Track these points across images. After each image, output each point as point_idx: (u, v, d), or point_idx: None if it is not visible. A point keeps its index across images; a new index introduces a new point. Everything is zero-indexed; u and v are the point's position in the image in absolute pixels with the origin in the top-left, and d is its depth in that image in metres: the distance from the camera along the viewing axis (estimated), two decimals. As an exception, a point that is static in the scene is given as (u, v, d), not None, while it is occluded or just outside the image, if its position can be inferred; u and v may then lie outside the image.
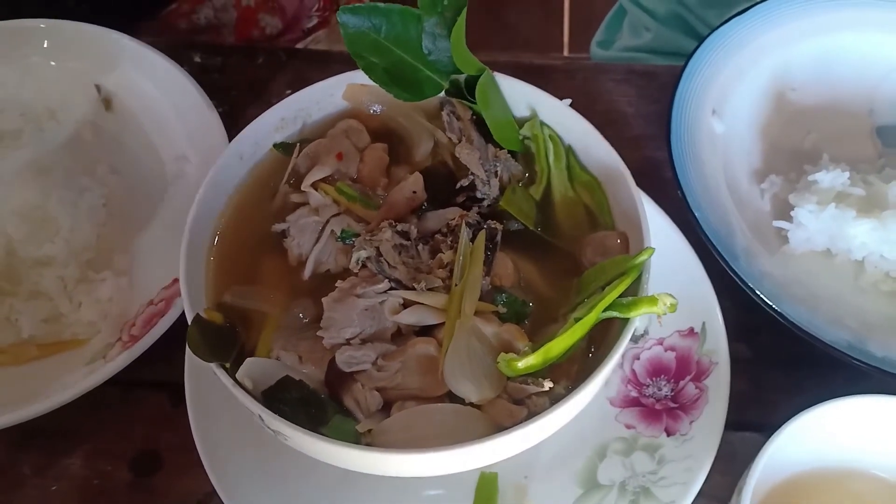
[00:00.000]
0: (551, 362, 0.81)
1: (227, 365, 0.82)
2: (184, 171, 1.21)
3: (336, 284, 0.87)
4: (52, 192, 1.13)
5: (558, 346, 0.80)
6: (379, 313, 0.85)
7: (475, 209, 0.93)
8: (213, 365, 0.81)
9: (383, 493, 0.97)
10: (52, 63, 1.30)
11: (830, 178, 1.09)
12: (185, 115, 1.24)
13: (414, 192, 0.93)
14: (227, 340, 0.85)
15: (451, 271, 0.86)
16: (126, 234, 1.17)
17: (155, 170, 1.23)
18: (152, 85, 1.26)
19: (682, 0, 1.69)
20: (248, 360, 0.82)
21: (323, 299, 0.85)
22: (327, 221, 0.92)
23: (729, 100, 1.22)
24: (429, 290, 0.85)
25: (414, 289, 0.85)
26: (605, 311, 0.81)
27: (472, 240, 0.87)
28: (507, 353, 0.80)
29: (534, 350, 0.80)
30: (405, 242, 0.88)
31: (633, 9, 1.81)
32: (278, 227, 0.94)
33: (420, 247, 0.89)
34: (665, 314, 0.79)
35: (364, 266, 0.87)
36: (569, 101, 0.97)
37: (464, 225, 0.88)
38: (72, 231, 1.12)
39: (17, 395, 1.02)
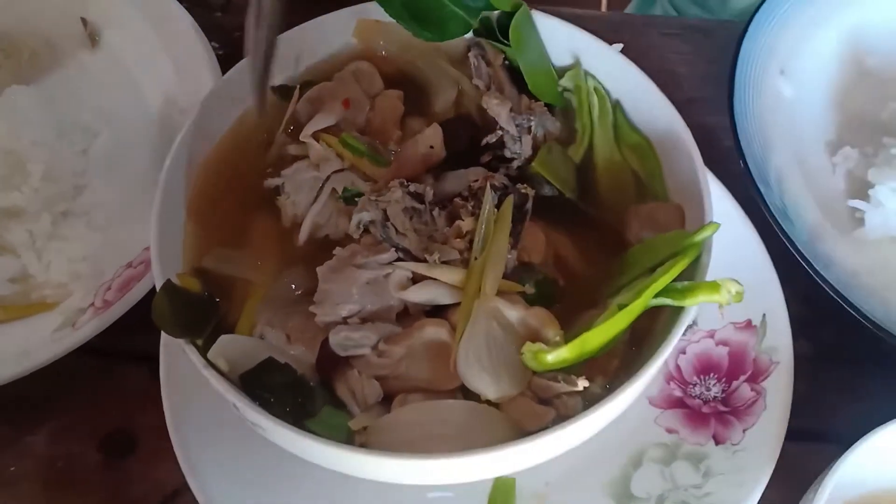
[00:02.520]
0: (587, 357, 0.73)
1: (200, 342, 0.75)
2: (173, 119, 1.13)
3: (334, 252, 0.80)
4: (24, 134, 1.06)
5: (597, 337, 0.72)
6: (383, 288, 0.78)
7: (502, 170, 0.87)
8: (182, 341, 0.73)
9: (381, 493, 0.88)
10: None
11: (919, 151, 0.99)
12: (179, 57, 1.17)
13: (431, 147, 0.87)
14: (203, 312, 0.79)
15: (471, 242, 0.80)
16: (106, 185, 1.10)
17: (141, 115, 1.17)
18: (142, 19, 1.20)
19: None
20: (224, 337, 0.76)
21: (318, 269, 0.79)
22: (328, 178, 0.86)
23: (799, 60, 1.15)
24: (443, 262, 0.79)
25: (426, 261, 0.79)
26: (655, 297, 0.73)
27: (498, 206, 0.81)
28: (533, 342, 0.73)
29: (567, 341, 0.73)
30: (418, 206, 0.82)
31: None
32: (272, 182, 0.88)
33: (436, 212, 0.83)
34: (729, 304, 0.71)
35: (367, 231, 0.81)
36: (619, 45, 0.89)
37: (488, 188, 0.81)
38: (44, 179, 1.06)
39: (-23, 363, 0.97)
